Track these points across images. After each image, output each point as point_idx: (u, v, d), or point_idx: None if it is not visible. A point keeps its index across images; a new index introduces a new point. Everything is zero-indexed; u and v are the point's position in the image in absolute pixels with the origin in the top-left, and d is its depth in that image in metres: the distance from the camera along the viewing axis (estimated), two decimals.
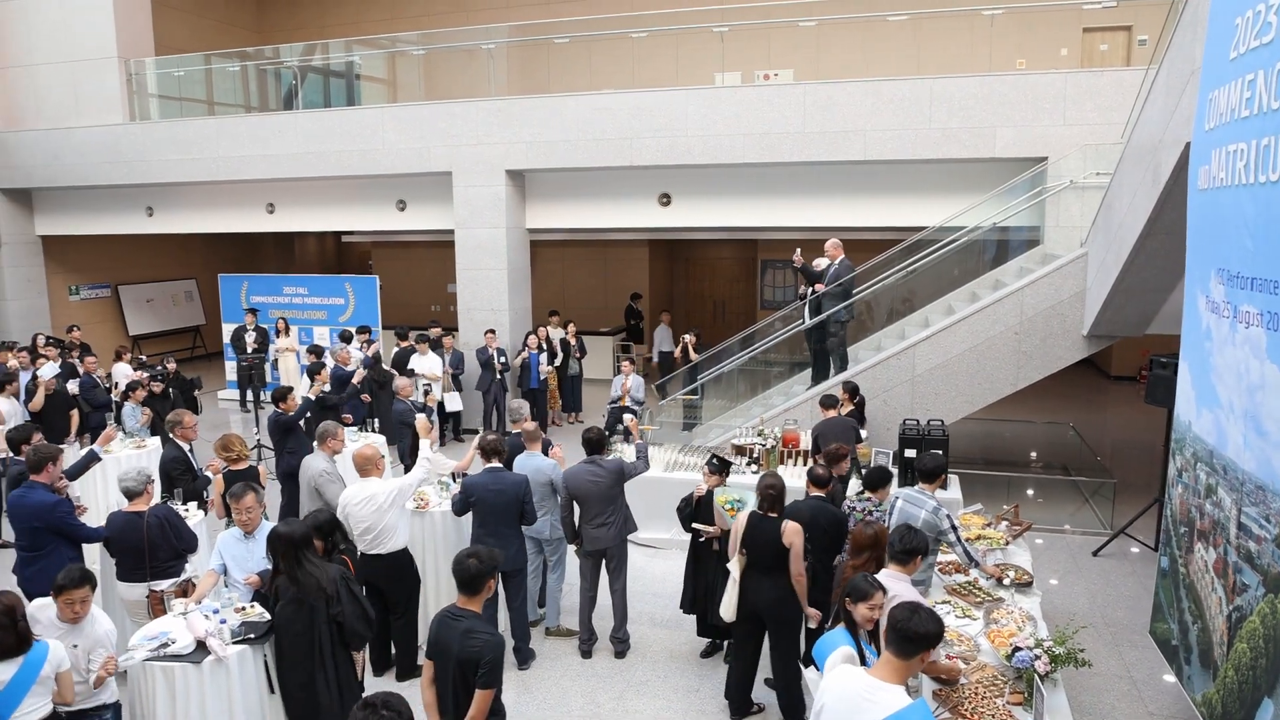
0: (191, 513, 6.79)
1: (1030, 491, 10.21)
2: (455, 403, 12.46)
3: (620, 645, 6.68)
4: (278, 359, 14.09)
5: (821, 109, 10.91)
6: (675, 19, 14.11)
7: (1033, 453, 12.14)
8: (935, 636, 3.32)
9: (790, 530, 5.34)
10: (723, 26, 12.88)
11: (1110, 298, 8.13)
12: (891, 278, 10.44)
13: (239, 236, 19.46)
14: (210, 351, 19.69)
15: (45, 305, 16.50)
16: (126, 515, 5.68)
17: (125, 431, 9.67)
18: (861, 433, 8.60)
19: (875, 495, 5.97)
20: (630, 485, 6.74)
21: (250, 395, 13.41)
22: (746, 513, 5.56)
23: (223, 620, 4.94)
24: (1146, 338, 9.47)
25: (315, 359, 10.93)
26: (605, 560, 6.56)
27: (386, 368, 11.76)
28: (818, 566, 5.66)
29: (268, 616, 5.01)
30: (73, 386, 10.23)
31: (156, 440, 9.35)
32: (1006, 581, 5.65)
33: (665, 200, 12.39)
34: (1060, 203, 9.98)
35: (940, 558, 5.95)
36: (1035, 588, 5.74)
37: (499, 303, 12.83)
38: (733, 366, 11.13)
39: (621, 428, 9.82)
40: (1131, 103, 8.73)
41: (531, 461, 6.69)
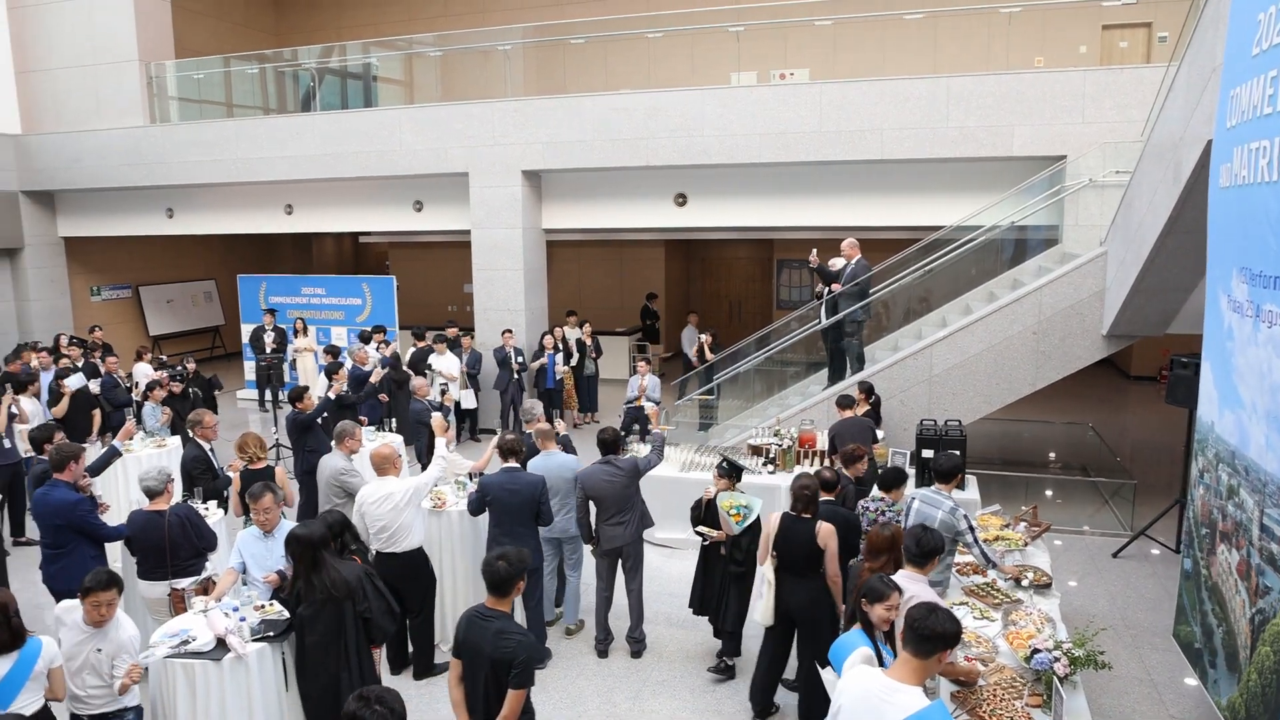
0: (211, 511, 6.85)
1: (1049, 492, 10.14)
2: (470, 400, 12.50)
3: (637, 645, 6.68)
4: (296, 359, 14.19)
5: (838, 108, 10.87)
6: (691, 19, 14.10)
7: (1051, 453, 12.05)
8: (953, 636, 3.30)
9: (825, 531, 5.33)
10: (738, 26, 12.86)
11: (1130, 297, 8.07)
12: (908, 277, 10.40)
13: (257, 237, 19.61)
14: (229, 351, 19.86)
15: (67, 306, 16.67)
16: (148, 514, 5.73)
17: (145, 431, 9.76)
18: (878, 433, 8.57)
19: (889, 496, 5.94)
20: (646, 486, 6.74)
21: (269, 395, 13.52)
22: (779, 514, 5.51)
23: (242, 618, 4.99)
24: (1167, 337, 9.39)
25: (332, 359, 10.99)
26: (621, 560, 6.56)
27: (405, 368, 11.81)
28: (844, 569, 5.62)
29: (286, 615, 5.04)
30: (94, 386, 10.33)
31: (176, 439, 9.44)
32: (1025, 583, 5.61)
33: (681, 200, 12.38)
34: (1079, 201, 9.91)
35: (958, 559, 5.91)
36: (1054, 589, 5.70)
37: (515, 303, 12.86)
38: (749, 367, 11.12)
39: (637, 427, 9.84)
40: (1152, 100, 8.68)
41: (552, 460, 6.69)
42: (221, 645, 4.78)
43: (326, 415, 8.68)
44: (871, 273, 9.97)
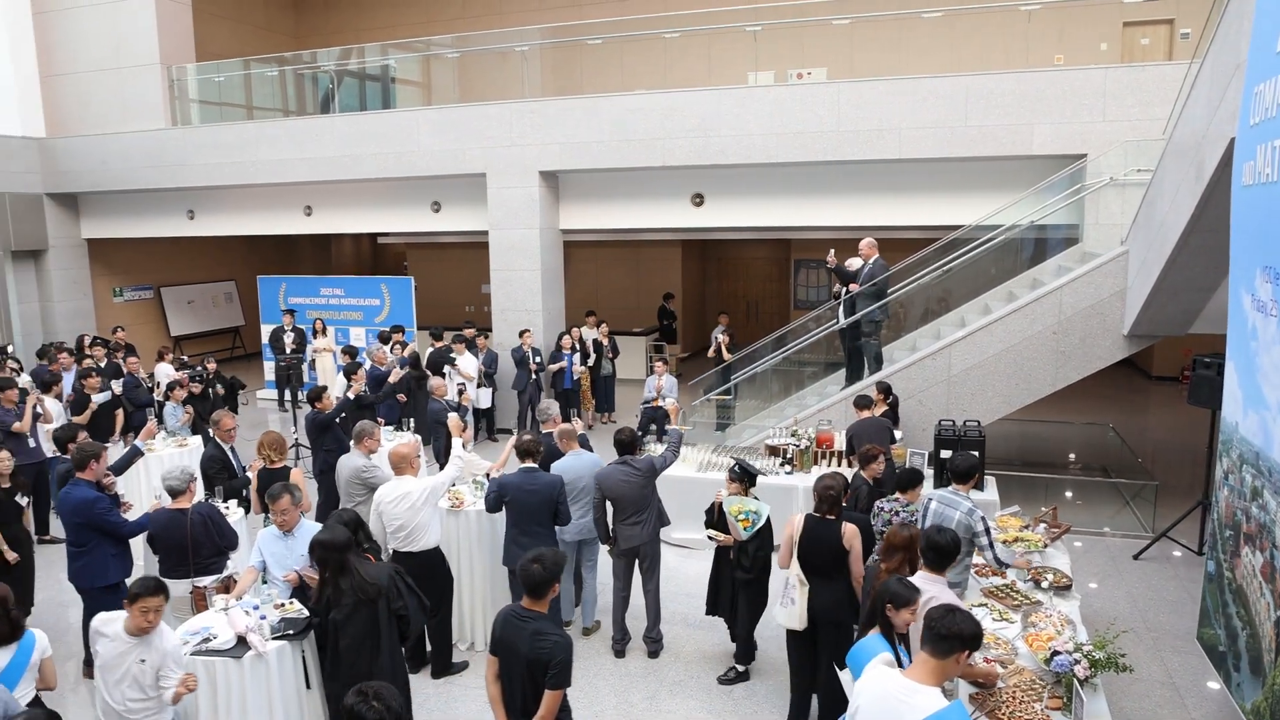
0: (232, 510, 6.90)
1: (1069, 493, 10.06)
2: (485, 400, 12.53)
3: (654, 645, 6.68)
4: (315, 359, 14.28)
5: (855, 108, 10.83)
6: (708, 19, 14.09)
7: (1071, 454, 11.96)
8: (971, 637, 3.28)
9: (850, 532, 5.31)
10: (755, 26, 12.83)
11: (1152, 296, 8.00)
12: (926, 277, 10.35)
13: (277, 239, 19.79)
14: (249, 352, 20.01)
15: (91, 307, 16.87)
16: (170, 512, 5.79)
17: (167, 430, 9.85)
18: (896, 433, 8.53)
19: (905, 496, 5.90)
20: (663, 486, 6.74)
21: (288, 395, 13.61)
22: (801, 516, 5.46)
23: (262, 616, 5.03)
24: (1189, 337, 9.30)
25: (350, 359, 11.05)
26: (639, 560, 6.57)
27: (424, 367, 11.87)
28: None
29: (306, 613, 5.08)
30: (116, 386, 10.44)
31: (198, 439, 9.51)
32: (1045, 584, 5.57)
33: (698, 200, 12.37)
34: (1100, 200, 9.83)
35: (976, 559, 5.87)
36: (1074, 591, 5.66)
37: (533, 303, 12.89)
38: (766, 366, 11.10)
39: (654, 427, 9.84)
40: (1173, 98, 8.58)
41: (581, 460, 6.69)
42: (242, 643, 4.81)
43: (345, 415, 8.73)
44: (889, 272, 9.93)
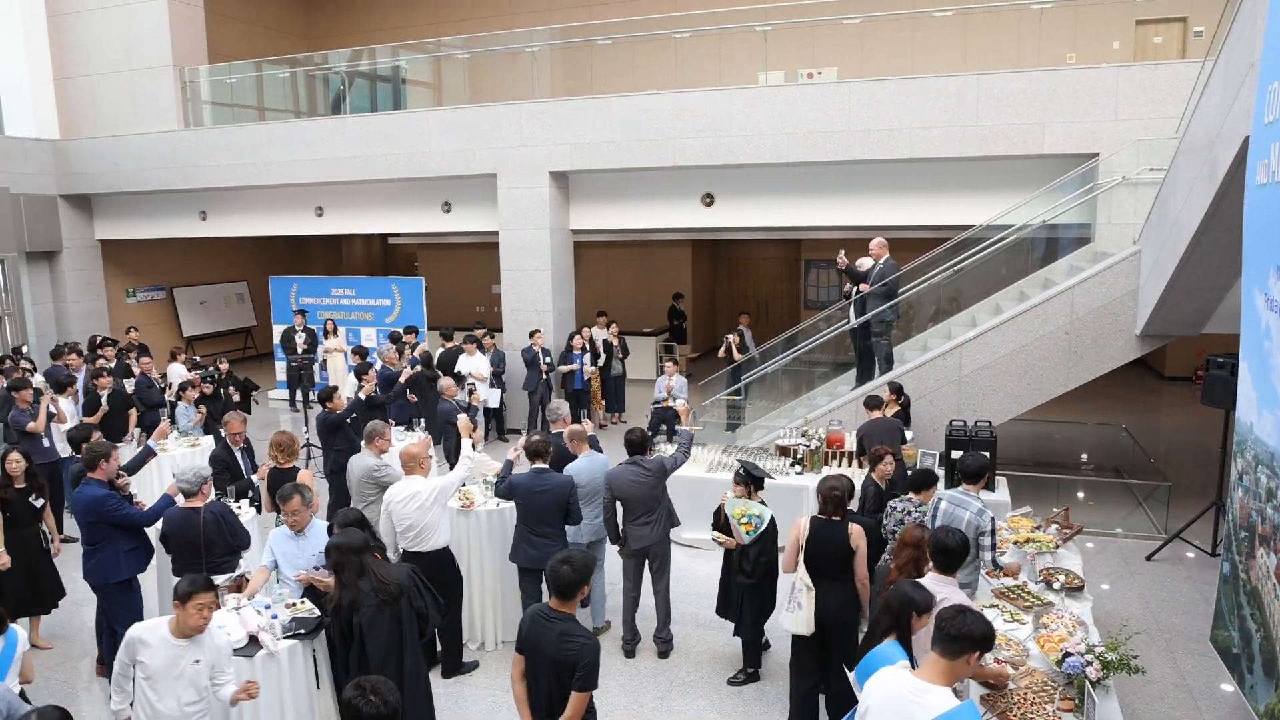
0: (244, 510, 6.93)
1: (1081, 494, 10.01)
2: (494, 400, 12.54)
3: (664, 645, 6.68)
4: (326, 359, 14.33)
5: (866, 107, 10.81)
6: (718, 19, 14.07)
7: (1083, 455, 11.91)
8: (981, 638, 3.28)
9: (856, 532, 5.29)
10: (766, 25, 12.82)
11: (1165, 296, 7.95)
12: (937, 277, 10.33)
13: (289, 239, 19.87)
14: (261, 352, 20.09)
15: (104, 307, 16.98)
16: (183, 511, 5.82)
17: (179, 430, 9.91)
18: (907, 434, 8.51)
19: (919, 497, 5.89)
20: (673, 486, 6.74)
21: (300, 395, 13.66)
22: (807, 519, 5.42)
23: (274, 615, 5.05)
24: (1202, 337, 9.24)
25: (360, 360, 11.08)
26: (649, 560, 6.56)
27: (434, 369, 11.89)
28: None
29: (318, 612, 5.10)
30: (128, 385, 10.50)
31: (210, 439, 9.57)
32: (1056, 585, 5.55)
33: (708, 200, 12.36)
34: (1112, 199, 9.79)
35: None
36: (1086, 592, 5.63)
37: (543, 303, 12.90)
38: (777, 367, 11.08)
39: (664, 427, 9.84)
40: (1187, 96, 8.54)
41: (592, 463, 6.69)
42: (254, 642, 4.84)
43: (356, 415, 8.76)
44: (900, 272, 9.91)
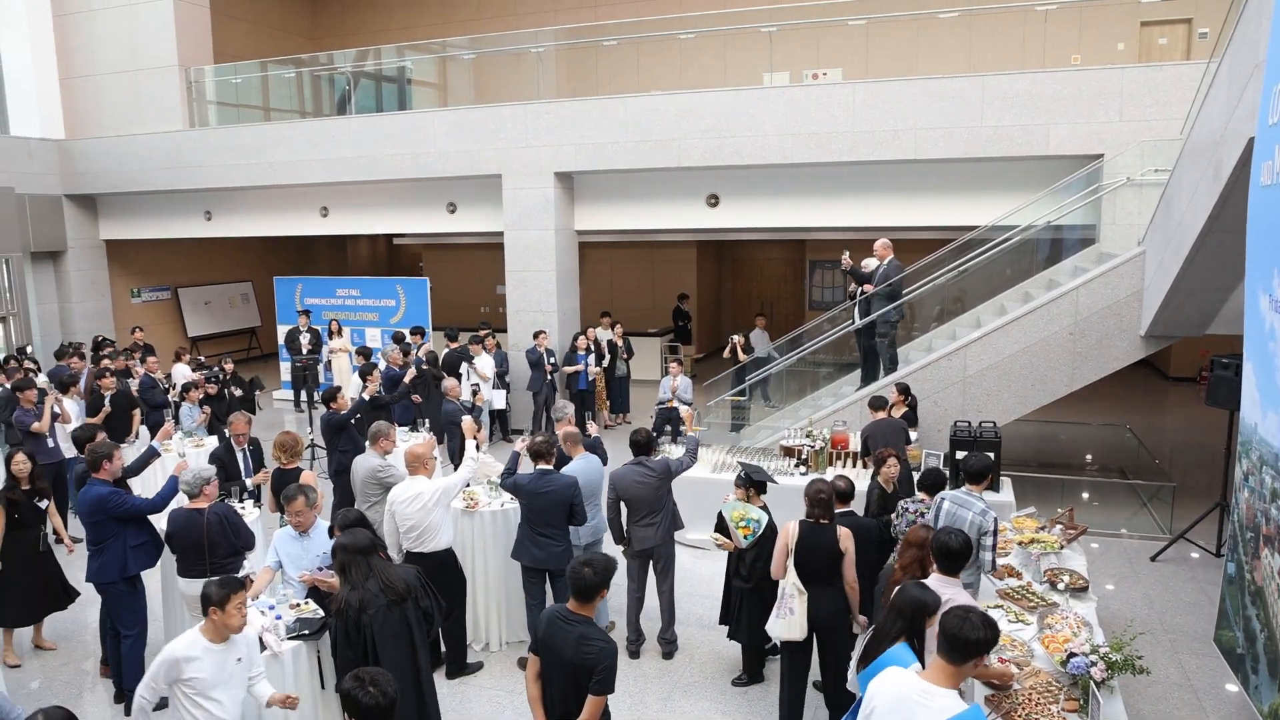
0: (249, 510, 6.95)
1: (1085, 495, 10.00)
2: (500, 401, 12.56)
3: (668, 646, 6.69)
4: (331, 360, 14.35)
5: (871, 108, 10.80)
6: (723, 19, 14.09)
7: (1088, 455, 11.89)
8: (988, 643, 3.28)
9: (844, 535, 5.30)
10: (771, 26, 12.82)
11: (1169, 297, 7.95)
12: (942, 278, 10.32)
13: (293, 240, 19.90)
14: (266, 352, 20.13)
15: (108, 307, 17.00)
16: (188, 512, 5.84)
17: (183, 431, 9.92)
18: (912, 434, 8.50)
19: (930, 499, 5.88)
20: (678, 487, 6.74)
21: (304, 395, 13.68)
22: (795, 523, 5.40)
23: (278, 616, 5.06)
24: (1206, 338, 9.22)
25: (365, 360, 11.09)
26: (653, 561, 6.56)
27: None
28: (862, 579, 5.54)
29: (322, 613, 5.10)
30: (133, 384, 10.51)
31: (214, 439, 9.58)
32: (1061, 586, 5.54)
33: (713, 201, 12.36)
34: (1117, 200, 9.77)
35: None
36: (1091, 593, 5.62)
37: (548, 304, 12.91)
38: (781, 367, 11.07)
39: (669, 428, 9.84)
40: (1191, 97, 8.52)
41: (587, 464, 6.67)
42: (259, 643, 4.84)
43: (360, 416, 8.78)
44: (904, 273, 9.90)
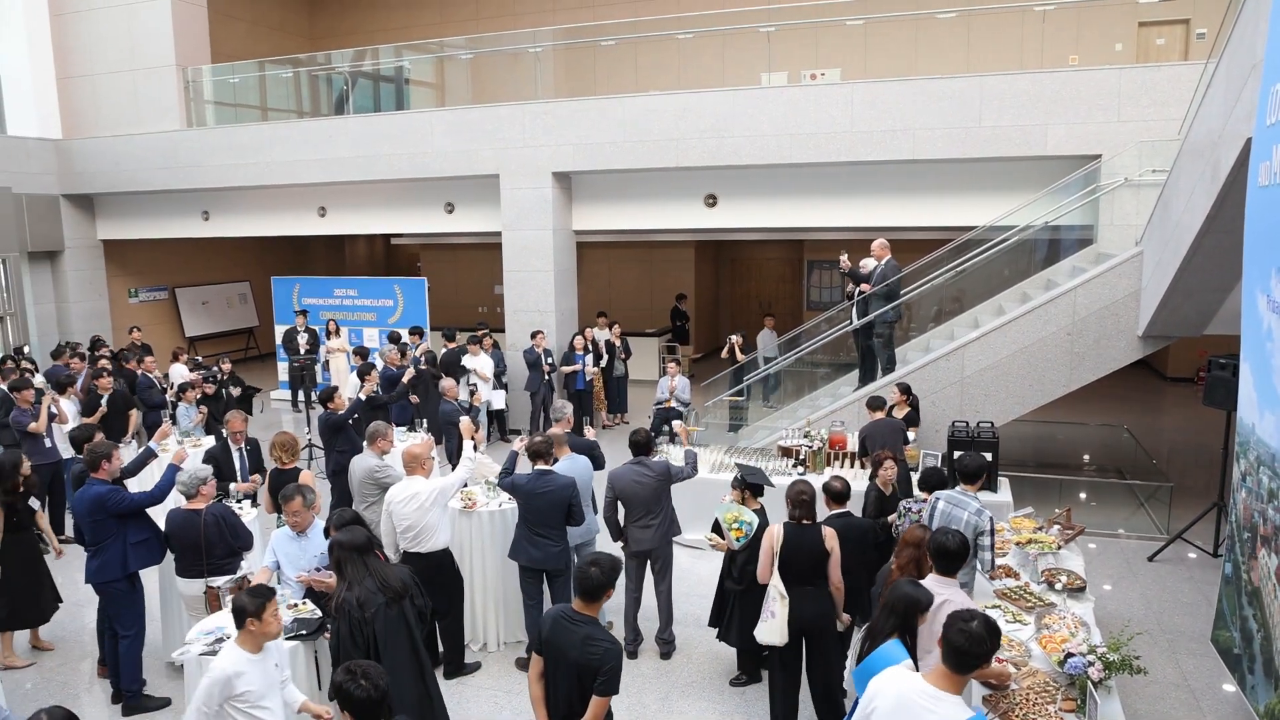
0: (246, 511, 6.94)
1: (1083, 495, 10.01)
2: (499, 401, 12.55)
3: (666, 646, 6.68)
4: (329, 360, 14.33)
5: (869, 108, 10.81)
6: (721, 20, 14.08)
7: (1085, 456, 11.90)
8: (993, 651, 3.31)
9: (829, 535, 5.29)
10: (769, 27, 12.82)
11: (1167, 297, 7.95)
12: (940, 278, 10.32)
13: (291, 240, 19.89)
14: (263, 352, 20.11)
15: (106, 307, 16.97)
16: (185, 512, 5.83)
17: (181, 431, 9.90)
18: (910, 435, 8.50)
19: (930, 498, 5.88)
20: (676, 487, 6.73)
21: (302, 396, 13.66)
22: (779, 525, 5.35)
23: None
24: (1204, 338, 9.24)
25: (362, 360, 11.08)
26: (651, 561, 6.56)
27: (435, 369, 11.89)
28: (852, 580, 5.52)
29: (319, 613, 5.09)
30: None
31: (211, 439, 9.56)
32: (1059, 586, 5.54)
33: (711, 201, 12.36)
34: (1114, 201, 9.78)
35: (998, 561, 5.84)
36: (1088, 593, 5.63)
37: (545, 304, 12.91)
38: (779, 367, 11.07)
39: (667, 429, 9.84)
40: (1189, 98, 8.53)
41: (573, 464, 6.65)
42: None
43: (357, 416, 8.77)
44: (902, 274, 9.90)
